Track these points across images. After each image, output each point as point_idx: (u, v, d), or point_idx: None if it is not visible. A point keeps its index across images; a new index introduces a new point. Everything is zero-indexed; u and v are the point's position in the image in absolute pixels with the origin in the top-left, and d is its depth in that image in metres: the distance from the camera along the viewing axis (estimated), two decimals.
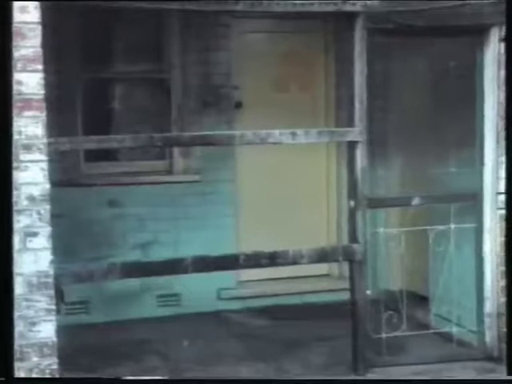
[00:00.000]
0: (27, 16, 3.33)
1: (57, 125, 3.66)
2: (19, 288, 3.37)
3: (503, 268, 4.24)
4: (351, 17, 4.21)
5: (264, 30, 5.75)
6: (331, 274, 5.96)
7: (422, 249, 4.72)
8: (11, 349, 3.31)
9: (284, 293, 5.66)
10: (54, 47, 3.78)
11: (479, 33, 4.40)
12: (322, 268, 5.78)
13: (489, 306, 4.55)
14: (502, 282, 4.32)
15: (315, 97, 5.99)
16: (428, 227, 4.58)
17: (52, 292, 3.45)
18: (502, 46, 4.29)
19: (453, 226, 4.56)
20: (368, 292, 4.32)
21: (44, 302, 3.43)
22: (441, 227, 4.56)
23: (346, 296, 4.44)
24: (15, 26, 3.30)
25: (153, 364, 4.48)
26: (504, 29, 4.17)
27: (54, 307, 3.45)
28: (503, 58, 4.27)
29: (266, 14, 4.57)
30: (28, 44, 3.34)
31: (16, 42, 3.31)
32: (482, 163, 4.53)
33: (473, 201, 4.56)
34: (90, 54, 5.40)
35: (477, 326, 4.59)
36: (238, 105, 5.69)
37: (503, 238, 4.27)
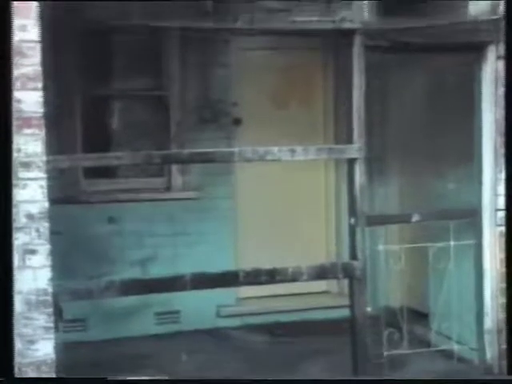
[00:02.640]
0: (27, 35, 3.34)
1: (56, 142, 3.66)
2: (18, 306, 3.36)
3: (503, 285, 4.23)
4: (349, 34, 4.23)
5: (263, 46, 5.77)
6: (330, 290, 5.95)
7: (422, 265, 4.72)
8: (11, 349, 3.29)
9: (283, 310, 5.65)
10: (54, 65, 3.79)
11: (476, 50, 4.42)
12: (322, 285, 5.77)
13: (489, 323, 4.54)
14: (502, 299, 4.32)
15: (314, 113, 6.01)
16: (427, 244, 4.58)
17: (50, 310, 3.43)
18: (500, 63, 4.31)
19: (452, 242, 4.55)
20: (368, 309, 4.31)
21: (42, 319, 3.41)
22: (440, 244, 4.56)
23: (345, 313, 4.43)
24: (15, 45, 3.31)
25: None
26: (501, 46, 4.21)
27: (52, 325, 3.44)
28: (501, 76, 4.30)
29: (264, 31, 4.59)
30: (27, 62, 3.35)
31: (16, 60, 3.32)
32: (480, 180, 4.54)
33: (472, 217, 4.56)
34: (89, 71, 5.42)
35: (477, 342, 4.58)
36: (237, 121, 5.71)
37: (503, 255, 4.27)
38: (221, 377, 4.07)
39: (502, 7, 4.22)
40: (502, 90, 4.30)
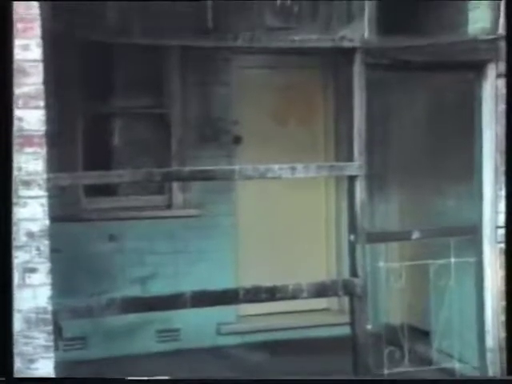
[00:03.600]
0: (29, 54, 3.36)
1: (57, 160, 3.67)
2: (17, 325, 3.35)
3: (503, 303, 4.22)
4: (349, 52, 4.25)
5: (263, 64, 5.79)
6: (331, 308, 5.93)
7: (423, 283, 4.71)
8: (11, 349, 3.28)
9: (284, 327, 5.63)
10: (55, 82, 3.82)
11: (476, 68, 4.44)
12: (322, 302, 5.75)
13: (490, 341, 4.52)
14: (503, 317, 4.30)
15: (315, 131, 6.02)
16: (428, 261, 4.57)
17: (50, 328, 3.42)
18: (499, 81, 4.33)
19: (453, 259, 4.55)
20: (369, 327, 4.29)
21: (42, 338, 3.40)
22: (441, 261, 4.55)
23: (346, 330, 4.42)
24: (17, 64, 3.33)
25: None
26: (501, 65, 4.23)
27: (52, 344, 3.43)
28: (501, 93, 4.32)
29: (264, 49, 4.62)
30: (30, 81, 3.37)
31: (18, 79, 3.34)
32: (480, 197, 4.54)
33: (472, 234, 4.56)
34: (90, 89, 5.44)
35: (479, 360, 4.56)
36: (238, 139, 5.72)
37: (503, 272, 4.26)
38: (221, 377, 4.06)
39: (501, 26, 4.26)
40: (502, 108, 4.32)
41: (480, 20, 4.38)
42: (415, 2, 4.75)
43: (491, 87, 4.42)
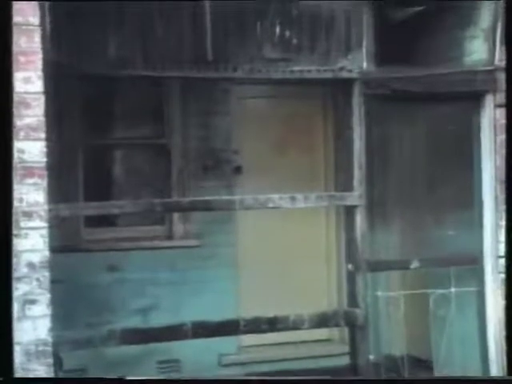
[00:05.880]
0: (31, 86, 3.39)
1: (58, 190, 3.68)
2: (17, 357, 3.33)
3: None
4: (348, 83, 4.29)
5: (263, 95, 5.83)
6: (332, 338, 5.90)
7: (423, 312, 4.69)
8: (11, 349, 3.26)
9: (285, 358, 5.59)
10: (56, 114, 3.84)
11: (474, 99, 4.48)
12: (324, 332, 5.72)
13: (495, 371, 4.48)
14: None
15: (315, 161, 6.04)
16: (428, 290, 4.56)
17: (50, 360, 3.41)
18: (498, 111, 4.37)
19: (453, 289, 4.54)
20: (371, 357, 4.27)
21: (42, 370, 3.38)
22: (441, 290, 4.54)
23: (347, 361, 4.39)
24: (19, 96, 3.36)
25: None
26: (499, 95, 4.27)
27: (52, 376, 3.41)
28: (499, 123, 4.35)
29: (264, 80, 4.66)
30: (31, 113, 3.40)
31: (19, 111, 3.37)
32: (481, 226, 4.54)
33: (473, 264, 4.55)
34: (91, 119, 5.47)
35: None
36: (238, 169, 5.74)
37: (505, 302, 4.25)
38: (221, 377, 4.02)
39: (497, 57, 4.30)
40: (500, 138, 4.34)
41: (477, 51, 4.43)
42: (413, 33, 4.80)
43: (489, 117, 4.45)
